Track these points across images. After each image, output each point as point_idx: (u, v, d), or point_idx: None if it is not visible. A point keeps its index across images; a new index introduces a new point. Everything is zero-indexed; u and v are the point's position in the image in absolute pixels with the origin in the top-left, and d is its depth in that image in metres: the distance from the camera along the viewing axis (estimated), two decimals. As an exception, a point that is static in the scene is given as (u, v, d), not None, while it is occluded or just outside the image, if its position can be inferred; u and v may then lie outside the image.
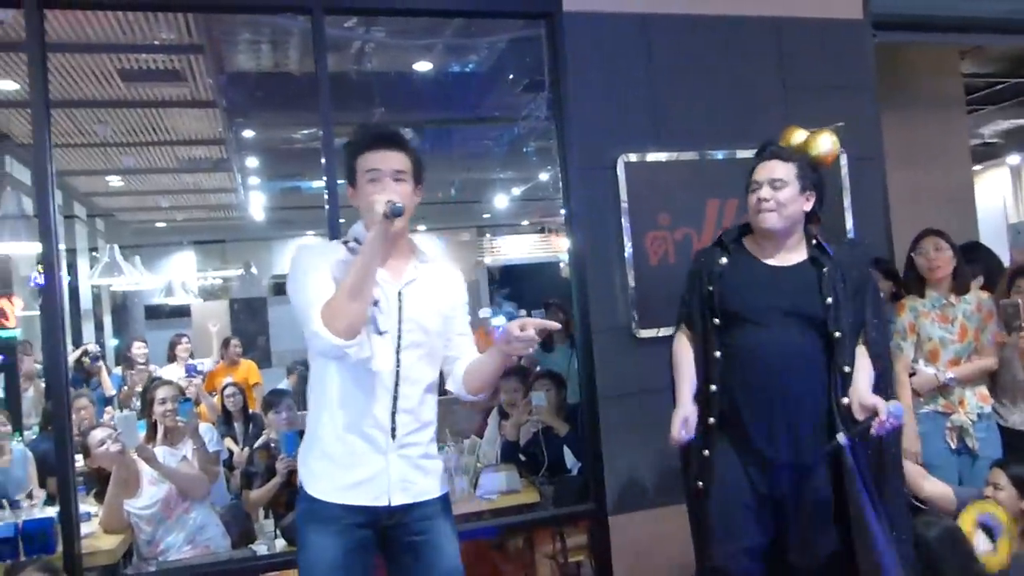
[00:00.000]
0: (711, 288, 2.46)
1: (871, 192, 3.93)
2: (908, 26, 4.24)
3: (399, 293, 2.08)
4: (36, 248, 4.77)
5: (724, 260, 2.47)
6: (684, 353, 2.54)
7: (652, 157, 3.60)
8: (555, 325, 2.10)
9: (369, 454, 2.04)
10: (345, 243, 2.10)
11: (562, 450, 3.85)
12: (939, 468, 3.27)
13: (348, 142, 2.13)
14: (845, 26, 3.94)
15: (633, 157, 3.56)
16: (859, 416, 2.23)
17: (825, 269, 2.40)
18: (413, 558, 2.10)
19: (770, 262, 2.44)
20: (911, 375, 3.40)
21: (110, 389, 6.10)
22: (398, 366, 2.05)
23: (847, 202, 3.88)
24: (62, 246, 3.03)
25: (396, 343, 2.05)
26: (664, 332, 3.45)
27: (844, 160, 3.86)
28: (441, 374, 2.22)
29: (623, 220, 3.53)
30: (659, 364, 3.32)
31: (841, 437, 2.22)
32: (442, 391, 2.20)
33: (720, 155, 3.66)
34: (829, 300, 2.34)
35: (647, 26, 3.66)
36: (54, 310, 2.97)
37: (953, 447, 3.33)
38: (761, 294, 2.38)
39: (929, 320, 3.42)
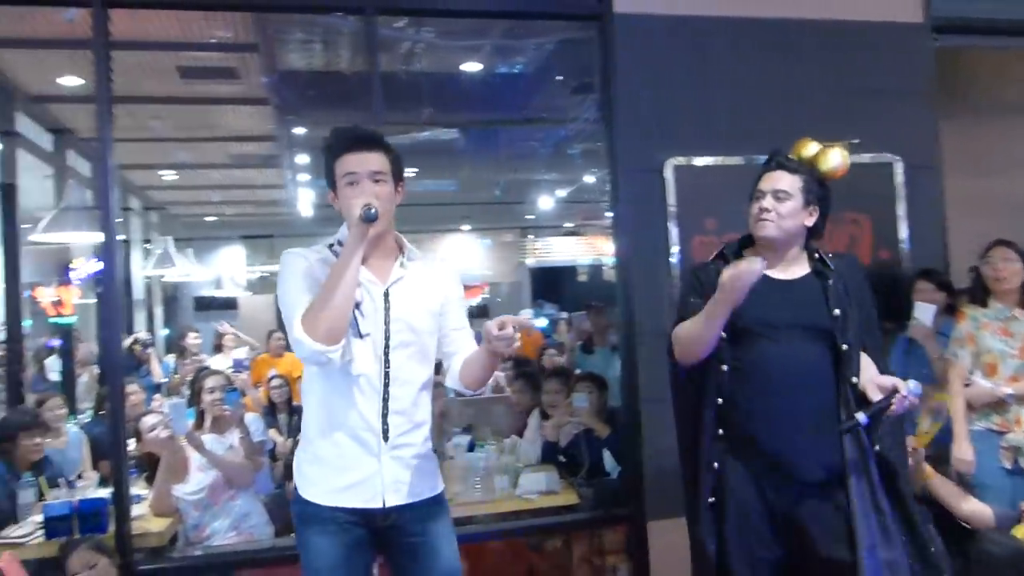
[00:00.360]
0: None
1: (926, 201, 3.85)
2: (970, 30, 4.12)
3: (385, 293, 2.07)
4: (95, 238, 4.93)
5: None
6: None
7: (701, 161, 3.58)
8: (531, 324, 2.07)
9: (361, 457, 2.03)
10: (330, 246, 2.10)
11: (602, 453, 3.85)
12: (990, 488, 3.16)
13: (327, 145, 2.09)
14: (904, 30, 3.88)
15: (682, 160, 3.54)
16: (875, 397, 2.18)
17: (830, 281, 2.34)
18: (411, 559, 2.10)
19: (775, 275, 2.37)
20: (965, 385, 3.32)
21: (159, 376, 6.24)
22: (387, 367, 2.04)
23: (901, 210, 3.81)
24: (121, 237, 3.10)
25: (384, 344, 2.04)
26: (708, 337, 3.44)
27: (899, 167, 3.79)
28: (439, 369, 2.23)
29: (670, 224, 3.52)
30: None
31: (860, 416, 2.17)
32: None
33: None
34: (836, 312, 2.29)
35: (699, 29, 3.64)
36: (112, 299, 3.06)
37: (1008, 467, 3.21)
38: (771, 307, 2.30)
39: (989, 332, 3.33)
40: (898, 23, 3.88)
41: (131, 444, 3.71)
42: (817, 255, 2.41)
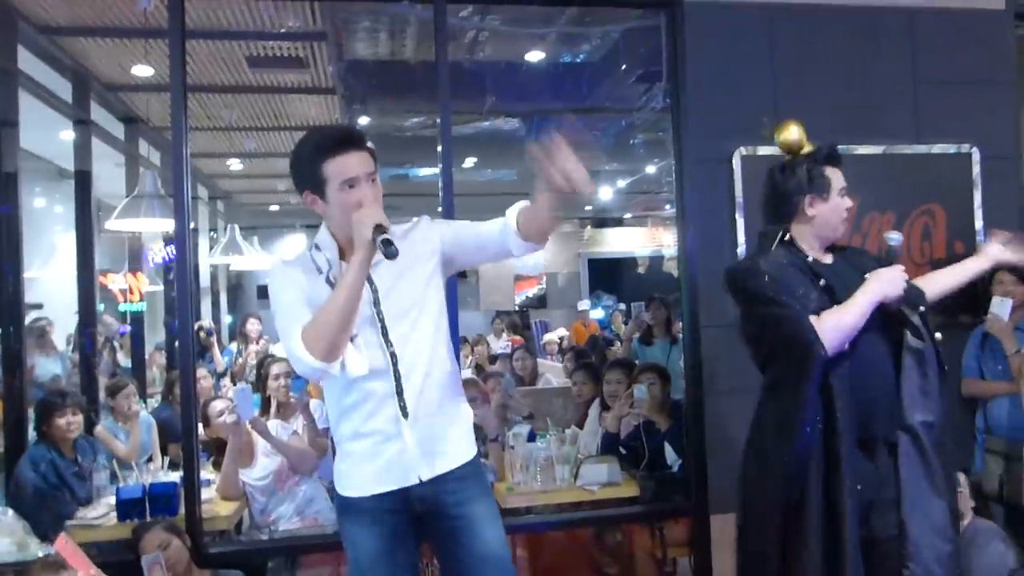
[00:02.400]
0: (824, 293, 2.24)
1: (1004, 191, 3.72)
2: (1054, 17, 3.97)
3: (368, 280, 1.99)
4: (167, 226, 5.06)
5: (812, 260, 2.34)
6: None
7: (770, 151, 3.50)
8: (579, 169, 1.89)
9: (386, 442, 2.02)
10: (310, 250, 2.07)
11: (663, 445, 3.82)
12: None
13: (311, 145, 1.99)
14: (985, 17, 3.74)
15: (750, 150, 3.48)
16: None
17: (863, 261, 2.40)
18: (454, 543, 2.05)
19: (825, 261, 2.38)
20: None
21: (220, 364, 6.38)
22: (390, 347, 2.00)
23: (977, 200, 3.69)
24: (192, 225, 3.18)
25: (380, 329, 2.00)
26: (776, 331, 3.38)
27: (976, 157, 3.68)
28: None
29: (737, 215, 3.46)
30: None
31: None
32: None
33: (843, 150, 3.52)
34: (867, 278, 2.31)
35: (771, 16, 3.57)
36: (184, 286, 3.14)
37: None
38: (849, 290, 2.24)
39: None
40: (978, 10, 3.75)
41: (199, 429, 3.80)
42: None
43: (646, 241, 12.38)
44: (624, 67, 5.42)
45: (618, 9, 4.27)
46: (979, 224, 3.68)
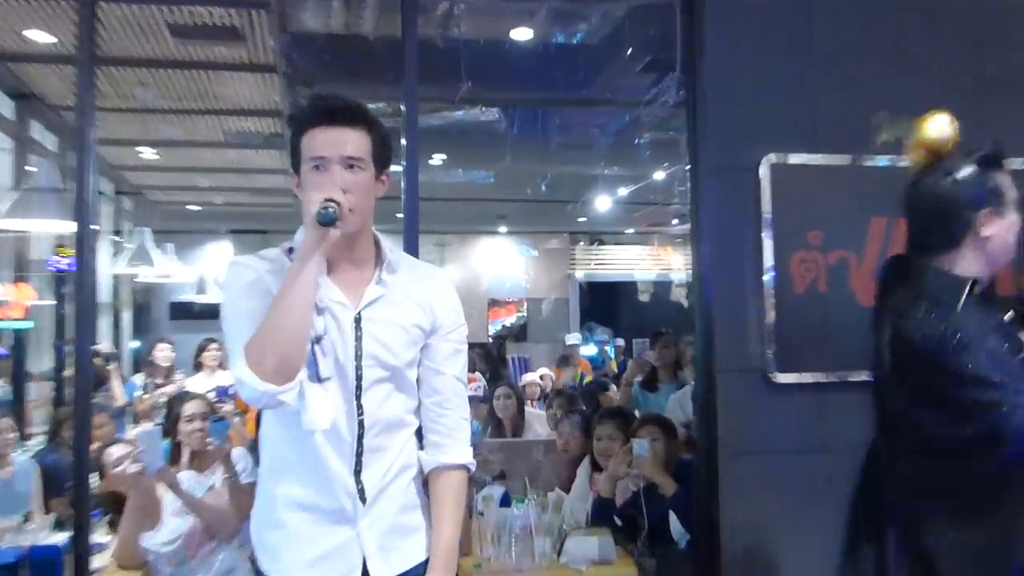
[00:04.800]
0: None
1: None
2: None
3: (357, 319, 1.98)
4: (65, 227, 5.01)
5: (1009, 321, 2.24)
6: None
7: (804, 159, 3.56)
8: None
9: (334, 525, 1.99)
10: (289, 251, 2.02)
11: (667, 515, 3.81)
12: None
13: (291, 116, 2.06)
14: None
15: (781, 158, 3.53)
16: None
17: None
18: None
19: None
20: None
21: (120, 399, 6.31)
22: (360, 413, 1.98)
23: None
24: (96, 226, 3.17)
25: (356, 384, 1.98)
26: (809, 377, 3.43)
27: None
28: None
29: (764, 235, 3.50)
30: (801, 417, 3.28)
31: None
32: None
33: (887, 161, 3.59)
34: None
35: (809, 1, 3.63)
36: (85, 301, 3.12)
37: None
38: None
39: None
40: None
41: (93, 480, 3.75)
42: None
43: (651, 263, 12.48)
44: (629, 52, 5.48)
45: (625, -18, 4.33)
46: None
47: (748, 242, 3.51)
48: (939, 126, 2.31)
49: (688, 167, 3.64)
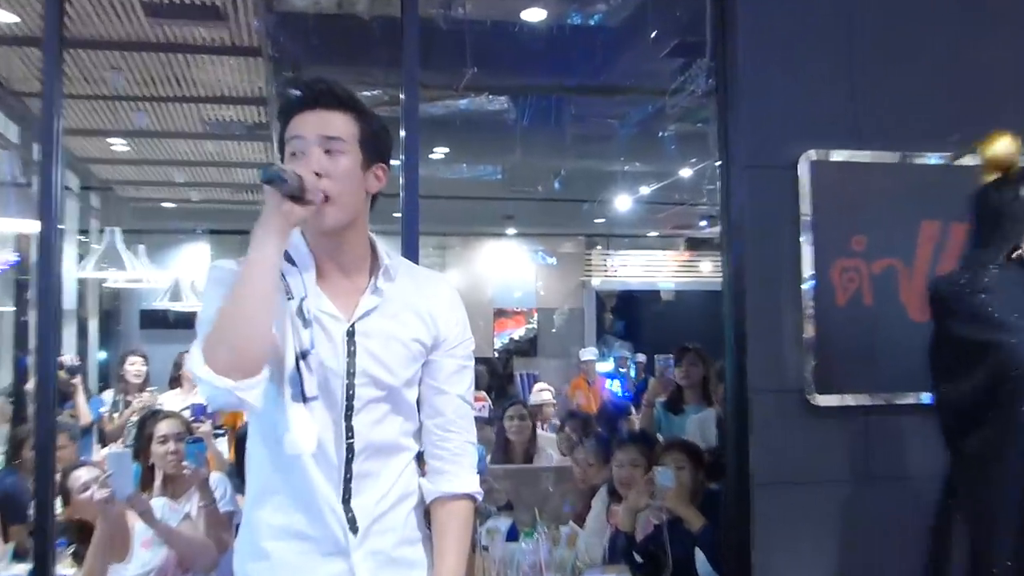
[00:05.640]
0: None
1: None
2: None
3: (349, 332, 1.99)
4: (27, 225, 5.02)
5: None
6: None
7: (848, 156, 3.56)
8: None
9: (324, 557, 1.99)
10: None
11: (693, 552, 3.81)
12: None
13: (279, 109, 2.05)
14: None
15: (822, 155, 3.52)
16: None
17: None
18: None
19: None
20: None
21: (86, 416, 6.32)
22: (349, 436, 1.98)
23: None
24: (63, 225, 3.18)
25: (345, 405, 1.98)
26: (852, 400, 3.43)
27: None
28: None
29: (802, 240, 3.50)
30: (844, 444, 3.27)
31: None
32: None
33: (940, 159, 3.59)
34: None
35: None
36: (49, 309, 3.13)
37: None
38: None
39: None
40: None
41: (56, 506, 3.76)
42: None
43: (676, 270, 12.48)
44: (654, 35, 5.49)
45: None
46: None
47: (785, 248, 3.50)
48: (1005, 146, 2.72)
49: (718, 163, 3.64)
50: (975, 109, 3.63)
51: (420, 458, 2.13)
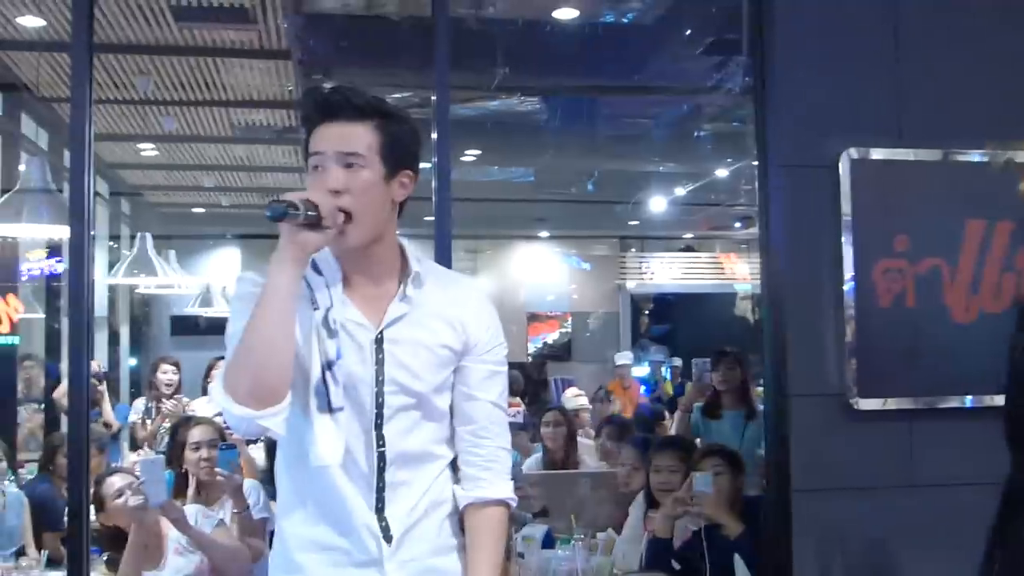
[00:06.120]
0: None
1: None
2: None
3: (378, 339, 1.98)
4: (59, 231, 5.08)
5: None
6: None
7: (890, 154, 3.54)
8: None
9: (356, 566, 1.98)
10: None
11: (732, 558, 3.80)
12: None
13: (302, 115, 2.03)
14: None
15: (863, 153, 3.52)
16: None
17: None
18: None
19: None
20: None
21: (113, 421, 6.37)
22: (380, 445, 1.98)
23: None
24: (94, 232, 3.22)
25: (375, 413, 1.98)
26: (895, 404, 3.40)
27: None
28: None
29: (843, 241, 3.49)
30: (887, 449, 3.25)
31: None
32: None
33: (983, 156, 3.57)
34: None
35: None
36: (81, 315, 3.17)
37: None
38: None
39: None
40: None
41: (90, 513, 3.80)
42: None
43: (712, 272, 12.42)
44: (689, 32, 5.48)
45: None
46: None
47: (825, 249, 3.50)
48: None
49: (756, 163, 3.63)
50: (1014, 103, 3.61)
51: (454, 465, 2.13)
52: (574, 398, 8.01)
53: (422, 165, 2.11)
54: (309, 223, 1.82)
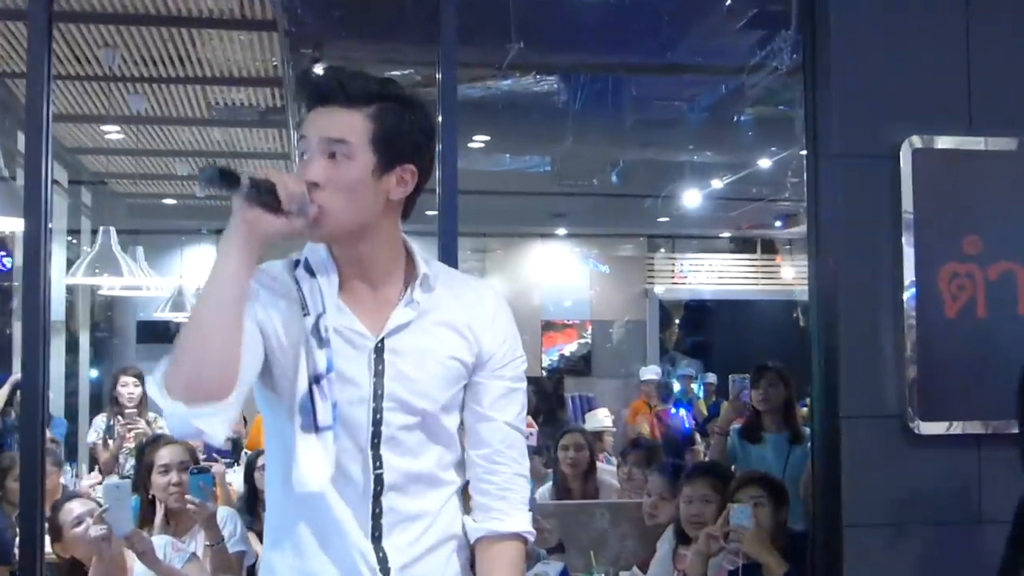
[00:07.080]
0: None
1: None
2: None
3: (378, 348, 1.99)
4: (11, 224, 5.09)
5: None
6: None
7: (957, 143, 3.54)
8: None
9: None
10: (295, 265, 2.03)
11: (774, 602, 3.80)
12: None
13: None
14: None
15: (927, 142, 3.51)
16: None
17: None
18: None
19: None
20: None
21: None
22: (377, 467, 1.98)
23: None
24: (52, 225, 3.22)
25: (372, 431, 1.98)
26: (961, 428, 3.40)
27: None
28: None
29: (904, 242, 3.48)
30: (951, 479, 3.24)
31: None
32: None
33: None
34: None
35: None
36: (37, 318, 3.17)
37: None
38: None
39: None
40: None
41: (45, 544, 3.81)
42: None
43: (753, 276, 12.41)
44: (728, 4, 5.48)
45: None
46: None
47: (883, 250, 3.50)
48: None
49: (804, 152, 3.63)
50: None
51: (465, 492, 2.13)
52: (603, 419, 7.98)
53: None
54: (263, 204, 1.81)
